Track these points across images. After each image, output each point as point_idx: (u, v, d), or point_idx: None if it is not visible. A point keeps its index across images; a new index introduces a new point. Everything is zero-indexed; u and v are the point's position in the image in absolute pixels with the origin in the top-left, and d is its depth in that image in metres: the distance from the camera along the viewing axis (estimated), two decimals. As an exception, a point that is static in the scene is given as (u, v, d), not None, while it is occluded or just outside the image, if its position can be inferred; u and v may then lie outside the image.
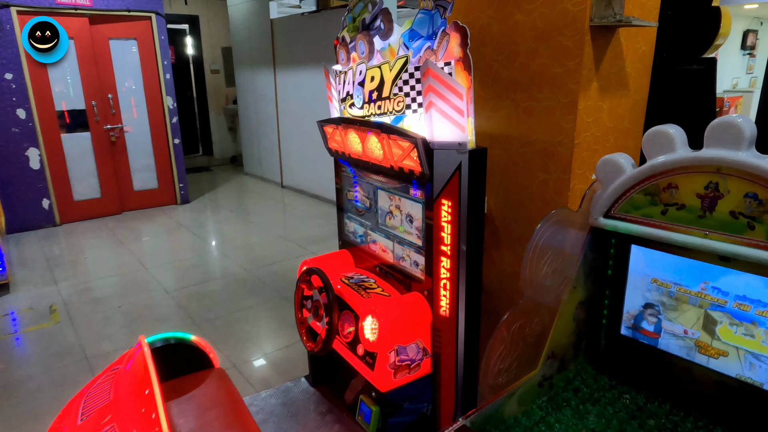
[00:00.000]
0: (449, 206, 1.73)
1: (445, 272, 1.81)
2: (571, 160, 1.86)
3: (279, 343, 3.19)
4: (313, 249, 4.88)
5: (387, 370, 1.83)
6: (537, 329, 1.55)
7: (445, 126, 1.65)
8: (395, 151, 1.78)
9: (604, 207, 1.45)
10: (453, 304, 1.83)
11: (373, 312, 1.82)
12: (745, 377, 1.38)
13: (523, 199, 2.06)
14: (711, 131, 1.21)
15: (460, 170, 1.68)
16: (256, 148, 8.08)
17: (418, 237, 1.89)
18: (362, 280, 2.12)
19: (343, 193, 2.33)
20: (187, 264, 4.58)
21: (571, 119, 1.83)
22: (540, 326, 1.55)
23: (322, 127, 2.21)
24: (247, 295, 3.89)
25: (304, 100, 6.65)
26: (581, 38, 1.74)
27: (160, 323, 3.46)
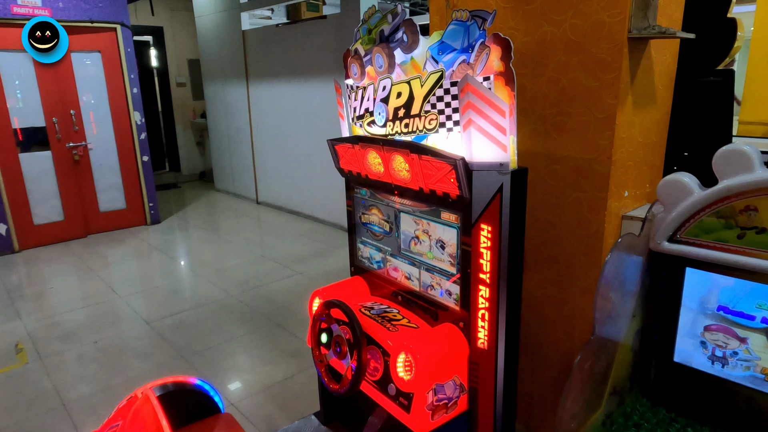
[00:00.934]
0: (489, 231, 1.60)
1: (484, 302, 1.68)
2: (608, 178, 1.77)
3: (278, 376, 2.97)
4: (299, 269, 4.67)
5: (424, 412, 1.67)
6: (603, 365, 1.44)
7: (486, 145, 1.53)
8: (428, 172, 1.64)
9: (668, 231, 1.36)
10: (492, 335, 1.70)
11: (407, 348, 1.67)
12: (819, 406, 1.31)
13: (552, 219, 1.96)
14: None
15: (501, 192, 1.56)
16: (227, 163, 7.79)
17: (451, 264, 1.75)
18: (384, 311, 1.96)
19: (356, 215, 2.17)
20: (165, 290, 4.29)
21: (609, 135, 1.74)
22: (605, 362, 1.44)
23: (334, 146, 2.05)
24: (235, 323, 3.65)
25: (280, 112, 6.45)
26: (619, 51, 1.65)
27: (144, 359, 3.19)
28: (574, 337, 2.01)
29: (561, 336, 2.05)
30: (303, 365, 3.07)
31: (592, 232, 1.86)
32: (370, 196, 2.06)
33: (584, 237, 1.89)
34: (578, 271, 1.94)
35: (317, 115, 5.87)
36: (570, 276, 1.97)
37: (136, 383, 2.91)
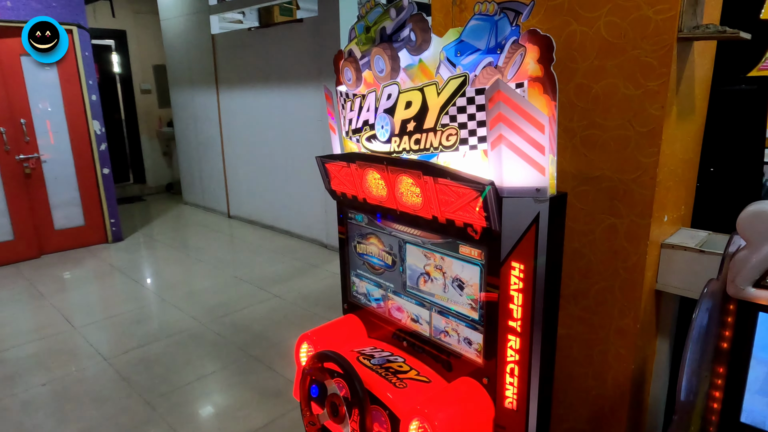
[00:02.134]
0: (521, 270, 1.31)
1: (514, 354, 1.39)
2: (651, 202, 1.51)
3: (257, 421, 2.62)
4: (276, 291, 4.31)
5: (444, 492, 1.36)
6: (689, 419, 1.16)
7: (520, 167, 1.24)
8: (446, 198, 1.35)
9: (755, 274, 1.10)
10: (522, 393, 1.41)
11: (421, 413, 1.36)
12: None
13: (581, 248, 1.69)
14: None
15: (537, 223, 1.28)
16: (197, 175, 7.35)
17: (472, 308, 1.46)
18: (387, 360, 1.65)
19: (350, 245, 1.86)
20: (127, 319, 3.86)
21: (653, 152, 1.48)
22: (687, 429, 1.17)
23: (324, 165, 1.74)
24: (206, 357, 3.27)
25: (253, 121, 6.08)
26: (668, 53, 1.40)
27: (100, 405, 2.78)
28: (607, 384, 1.74)
29: (590, 382, 1.78)
30: (285, 407, 2.72)
31: (630, 264, 1.59)
32: (368, 223, 1.75)
33: (620, 269, 1.62)
34: (612, 308, 1.67)
35: (293, 124, 5.53)
36: (602, 313, 1.70)
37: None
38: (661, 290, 1.68)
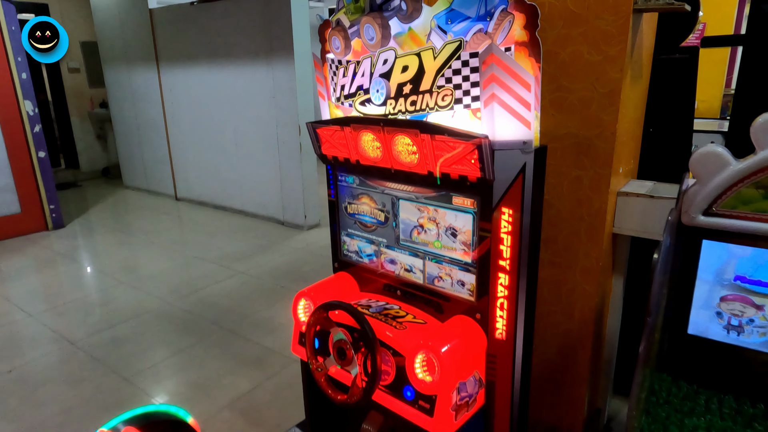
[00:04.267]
0: (510, 215, 1.50)
1: (503, 290, 1.58)
2: (611, 155, 1.73)
3: (242, 387, 2.70)
4: (240, 268, 4.33)
5: (448, 414, 1.54)
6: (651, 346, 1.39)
7: (509, 122, 1.41)
8: (442, 154, 1.50)
9: (704, 204, 1.33)
10: (510, 325, 1.61)
11: (426, 347, 1.52)
12: (835, 365, 1.36)
13: (551, 199, 1.91)
14: (840, 117, 1.14)
15: (524, 173, 1.46)
16: (138, 158, 7.07)
17: (465, 252, 1.63)
18: (384, 308, 1.80)
19: (341, 206, 1.98)
20: (86, 303, 3.76)
21: (613, 110, 1.70)
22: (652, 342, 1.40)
23: (315, 130, 1.83)
24: (178, 333, 3.28)
25: (199, 100, 5.93)
26: (625, 23, 1.61)
27: (76, 386, 2.74)
28: (574, 318, 1.99)
29: (559, 318, 2.02)
30: (268, 372, 2.82)
31: (593, 211, 1.83)
32: (360, 184, 1.88)
33: (585, 216, 1.85)
34: (578, 251, 1.91)
35: (244, 102, 5.46)
36: (569, 256, 1.93)
37: (70, 415, 2.50)
38: (617, 233, 1.93)
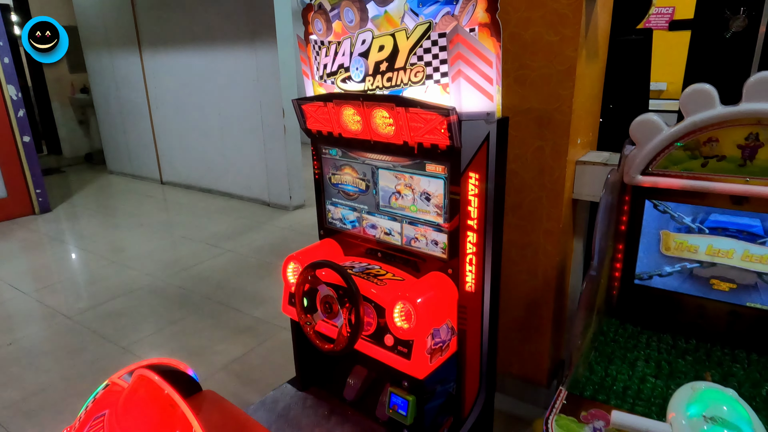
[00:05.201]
0: (476, 179, 1.68)
1: (471, 247, 1.77)
2: (569, 126, 1.93)
3: (234, 352, 2.87)
4: (228, 246, 4.48)
5: (424, 356, 1.74)
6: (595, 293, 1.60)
7: (474, 96, 1.59)
8: (416, 125, 1.67)
9: (642, 165, 1.53)
10: (479, 278, 1.81)
11: (403, 298, 1.71)
12: (754, 304, 1.59)
13: (516, 168, 2.10)
14: (750, 87, 1.34)
15: (488, 141, 1.64)
16: (122, 142, 7.11)
17: (438, 215, 1.81)
18: (366, 268, 1.98)
19: (325, 177, 2.14)
20: (79, 281, 3.89)
21: (569, 86, 1.89)
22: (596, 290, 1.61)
23: (300, 106, 1.99)
24: (172, 307, 3.43)
25: (183, 84, 6.00)
26: (579, 6, 1.79)
27: (76, 355, 2.89)
28: (538, 276, 2.20)
29: (525, 276, 2.23)
30: (259, 339, 3.00)
31: (554, 178, 2.03)
32: (342, 156, 2.04)
33: (547, 183, 2.05)
34: (542, 214, 2.11)
35: (228, 85, 5.55)
36: (533, 220, 2.13)
37: (76, 381, 2.65)
38: (576, 198, 2.13)
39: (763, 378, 1.46)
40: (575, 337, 1.51)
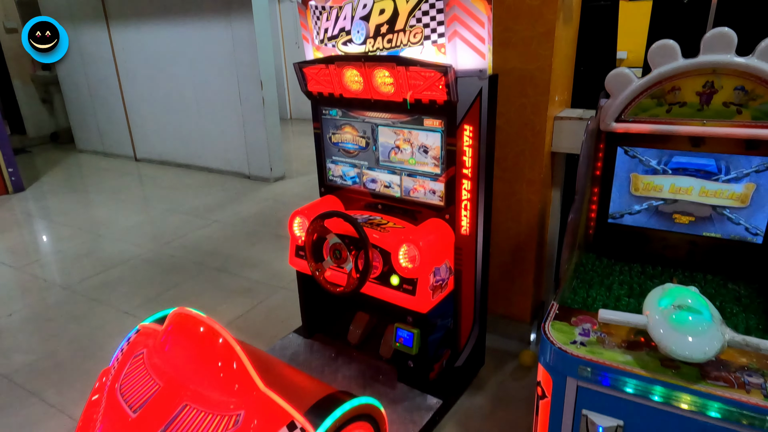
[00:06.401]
0: (471, 131, 1.87)
1: (466, 194, 1.97)
2: (548, 84, 2.13)
3: (236, 311, 3.02)
4: (214, 217, 4.56)
5: (427, 292, 1.94)
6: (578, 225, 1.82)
7: (468, 54, 1.77)
8: (415, 82, 1.84)
9: (616, 113, 1.75)
10: (473, 222, 2.01)
11: (408, 240, 1.90)
12: (709, 233, 1.85)
13: (501, 125, 2.29)
14: (707, 41, 1.55)
15: (480, 96, 1.83)
16: (92, 120, 6.97)
17: (435, 165, 2.00)
18: (369, 219, 2.16)
19: (325, 137, 2.29)
20: (70, 255, 3.92)
21: (549, 47, 2.08)
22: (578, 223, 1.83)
23: (302, 69, 2.12)
24: (168, 274, 3.53)
25: (155, 58, 5.92)
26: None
27: (80, 321, 2.98)
28: (521, 223, 2.43)
29: (510, 224, 2.45)
30: (258, 298, 3.15)
31: (536, 132, 2.24)
32: (342, 116, 2.19)
33: (529, 136, 2.26)
34: (524, 166, 2.32)
35: (203, 58, 5.53)
36: (517, 171, 2.35)
37: (83, 343, 2.76)
38: (555, 151, 2.36)
39: (716, 293, 1.72)
40: (564, 263, 1.74)
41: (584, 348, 1.33)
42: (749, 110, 1.56)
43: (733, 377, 1.19)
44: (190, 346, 1.56)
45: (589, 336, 1.37)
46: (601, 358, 1.29)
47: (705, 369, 1.21)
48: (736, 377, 1.19)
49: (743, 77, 1.54)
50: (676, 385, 1.19)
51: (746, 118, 1.57)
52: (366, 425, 1.55)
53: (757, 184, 1.68)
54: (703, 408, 1.17)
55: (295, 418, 1.38)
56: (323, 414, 1.41)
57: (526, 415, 2.12)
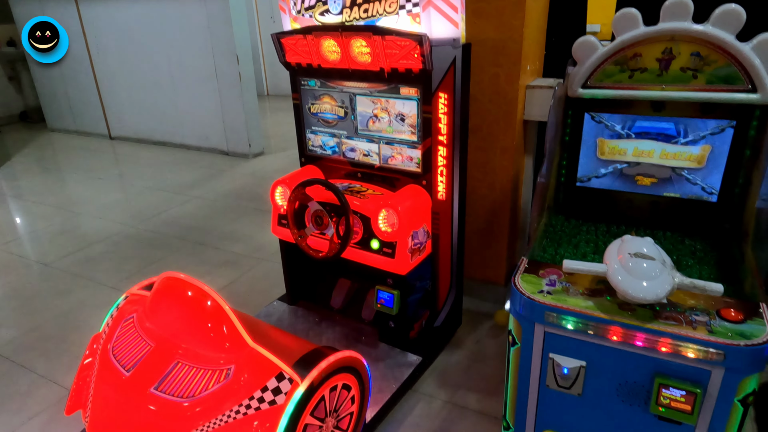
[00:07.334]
0: (446, 98, 1.94)
1: (442, 159, 2.05)
2: (520, 53, 2.21)
3: (220, 282, 3.08)
4: (194, 194, 4.57)
5: (406, 255, 2.04)
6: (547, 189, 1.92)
7: (442, 23, 1.83)
8: (391, 51, 1.89)
9: (582, 80, 1.84)
10: (449, 187, 2.10)
11: (386, 206, 1.98)
12: (669, 193, 1.97)
13: (476, 94, 2.36)
14: (666, 9, 1.64)
15: (454, 64, 1.89)
16: (63, 98, 6.81)
17: (412, 133, 2.07)
18: (349, 187, 2.23)
19: (304, 107, 2.33)
20: (49, 233, 3.90)
21: (520, 17, 2.15)
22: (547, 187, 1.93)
23: (280, 40, 2.15)
24: (150, 249, 3.56)
25: (128, 33, 5.80)
26: (527, -57, 2.03)
27: (65, 295, 3.01)
28: (496, 190, 2.53)
29: (485, 191, 2.55)
30: (241, 270, 3.21)
31: (509, 100, 2.32)
32: (321, 86, 2.24)
33: (502, 105, 2.34)
34: (498, 134, 2.41)
35: (177, 33, 5.44)
36: (491, 140, 2.43)
37: (69, 317, 2.79)
38: (527, 119, 2.45)
39: (674, 248, 1.85)
40: (533, 222, 1.84)
41: (550, 296, 1.44)
42: (704, 75, 1.67)
43: (682, 317, 1.31)
44: (179, 308, 1.62)
45: (555, 286, 1.48)
46: (565, 304, 1.40)
47: (658, 310, 1.33)
48: (684, 316, 1.31)
49: (699, 44, 1.63)
50: (631, 325, 1.31)
51: (701, 83, 1.68)
52: (350, 376, 1.65)
53: (712, 146, 1.79)
54: (655, 344, 1.29)
55: (284, 370, 1.47)
56: (309, 365, 1.50)
57: (500, 368, 2.25)
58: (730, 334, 1.24)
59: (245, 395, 1.44)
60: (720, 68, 1.64)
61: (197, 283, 1.62)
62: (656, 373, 1.34)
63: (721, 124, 1.75)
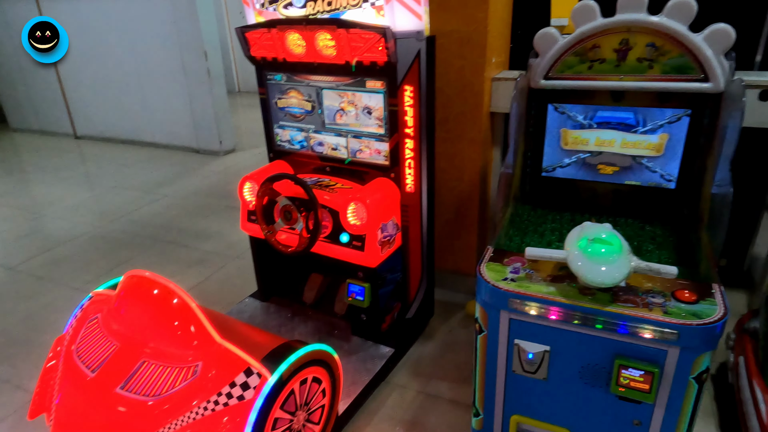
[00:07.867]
0: (411, 91, 1.95)
1: (410, 152, 2.06)
2: (485, 46, 2.23)
3: (191, 281, 3.04)
4: (163, 192, 4.49)
5: (376, 248, 2.04)
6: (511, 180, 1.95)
7: (406, 16, 1.83)
8: (356, 45, 1.89)
9: (544, 71, 1.87)
10: (417, 180, 2.12)
11: (355, 199, 1.99)
12: (630, 181, 2.02)
13: (442, 86, 2.38)
14: (622, 1, 1.68)
15: (419, 57, 1.91)
16: (24, 97, 6.60)
17: (379, 126, 2.07)
18: (318, 181, 2.22)
19: (271, 102, 2.32)
20: (11, 236, 3.78)
21: (484, 9, 2.18)
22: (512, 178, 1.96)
23: (244, 34, 2.13)
24: (119, 249, 3.49)
25: (90, 30, 5.64)
26: (489, -64, 2.05)
27: (29, 299, 2.93)
28: (464, 181, 2.55)
29: (454, 183, 2.58)
30: (212, 268, 3.18)
31: (475, 92, 2.34)
32: (287, 80, 2.22)
33: (469, 97, 2.37)
34: (465, 126, 2.43)
35: (142, 29, 5.32)
36: (459, 132, 2.46)
37: (35, 320, 2.72)
38: (494, 111, 2.48)
39: (635, 235, 1.90)
40: (499, 211, 1.87)
41: (514, 283, 1.46)
42: (659, 65, 1.71)
43: (639, 299, 1.35)
44: (145, 307, 1.60)
45: (519, 273, 1.51)
46: (528, 290, 1.43)
47: (616, 293, 1.37)
48: (641, 299, 1.35)
49: (654, 35, 1.68)
50: (591, 309, 1.35)
51: (657, 73, 1.72)
52: (320, 369, 1.65)
53: (669, 135, 1.85)
54: (615, 327, 1.33)
55: (252, 365, 1.46)
56: (278, 360, 1.50)
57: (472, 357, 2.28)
58: (684, 315, 1.29)
59: (213, 391, 1.43)
60: (674, 58, 1.69)
61: (163, 280, 1.60)
62: (616, 354, 1.38)
63: (678, 113, 1.80)
